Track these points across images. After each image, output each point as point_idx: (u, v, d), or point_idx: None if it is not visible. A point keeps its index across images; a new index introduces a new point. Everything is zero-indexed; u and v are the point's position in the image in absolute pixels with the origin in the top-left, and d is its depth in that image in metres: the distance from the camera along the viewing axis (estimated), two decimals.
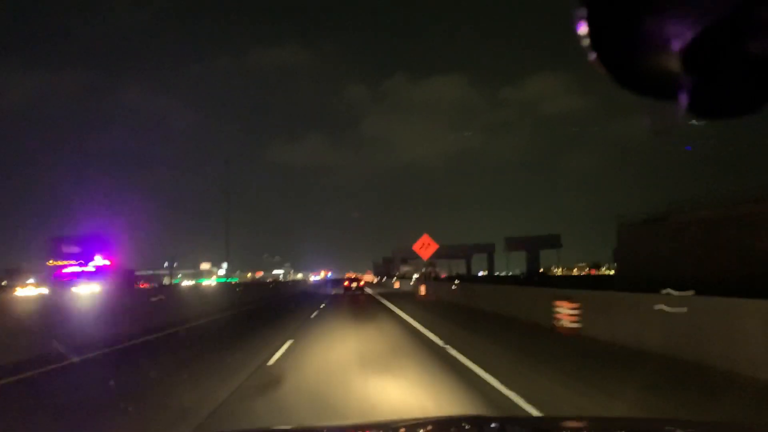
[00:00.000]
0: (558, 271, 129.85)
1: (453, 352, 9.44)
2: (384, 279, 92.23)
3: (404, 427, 2.58)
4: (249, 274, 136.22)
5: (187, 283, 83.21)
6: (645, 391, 6.22)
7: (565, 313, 11.89)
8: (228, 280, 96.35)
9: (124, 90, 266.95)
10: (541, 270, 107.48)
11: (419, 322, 15.18)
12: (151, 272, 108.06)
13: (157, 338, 13.26)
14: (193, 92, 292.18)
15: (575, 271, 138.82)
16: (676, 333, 8.64)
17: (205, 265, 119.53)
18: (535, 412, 5.37)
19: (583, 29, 0.84)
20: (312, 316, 18.55)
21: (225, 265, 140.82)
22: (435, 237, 28.22)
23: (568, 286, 25.09)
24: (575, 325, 11.51)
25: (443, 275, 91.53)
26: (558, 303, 12.26)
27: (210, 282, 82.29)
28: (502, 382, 6.73)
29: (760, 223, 27.23)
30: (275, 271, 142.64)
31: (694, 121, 0.89)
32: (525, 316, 15.08)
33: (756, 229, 27.25)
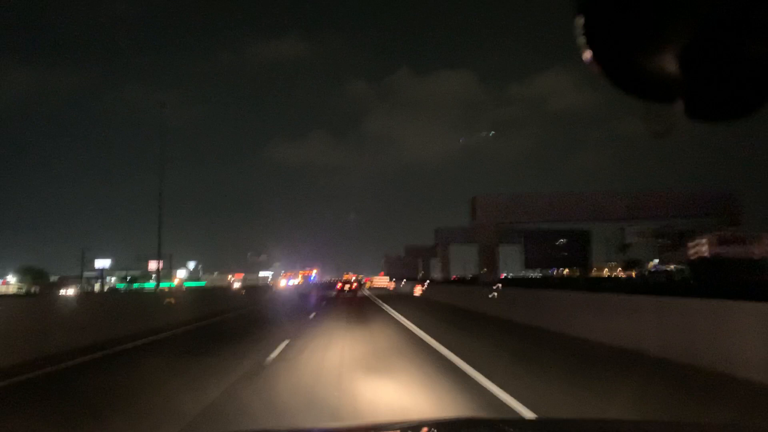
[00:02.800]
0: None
1: None
2: (401, 283, 55.05)
3: (400, 428, 2.50)
4: (230, 276, 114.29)
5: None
6: None
7: None
8: (194, 284, 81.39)
9: (120, 87, 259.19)
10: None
11: None
12: (95, 273, 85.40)
13: None
14: (192, 89, 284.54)
15: (605, 272, 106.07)
16: None
17: (152, 265, 78.81)
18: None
19: (579, 30, 0.83)
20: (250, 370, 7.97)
21: (191, 264, 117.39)
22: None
23: None
24: None
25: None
26: None
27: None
28: None
29: None
30: (262, 273, 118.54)
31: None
32: None
33: None
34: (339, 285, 46.27)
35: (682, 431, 2.43)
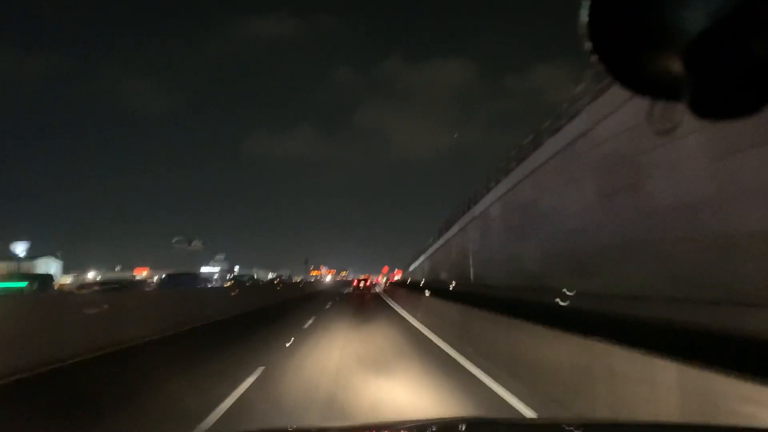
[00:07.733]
0: None
1: None
2: None
3: (405, 428, 2.46)
4: (141, 273, 75.78)
5: None
6: None
7: None
8: (10, 286, 55.04)
9: (98, 74, 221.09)
10: None
11: None
12: None
13: None
14: (172, 75, 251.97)
15: None
16: None
17: None
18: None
19: (584, 27, 0.82)
20: None
21: (19, 246, 63.41)
22: None
23: None
24: None
25: None
26: None
27: None
28: None
29: None
30: (206, 269, 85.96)
31: None
32: None
33: None
34: (355, 282, 50.92)
35: None
